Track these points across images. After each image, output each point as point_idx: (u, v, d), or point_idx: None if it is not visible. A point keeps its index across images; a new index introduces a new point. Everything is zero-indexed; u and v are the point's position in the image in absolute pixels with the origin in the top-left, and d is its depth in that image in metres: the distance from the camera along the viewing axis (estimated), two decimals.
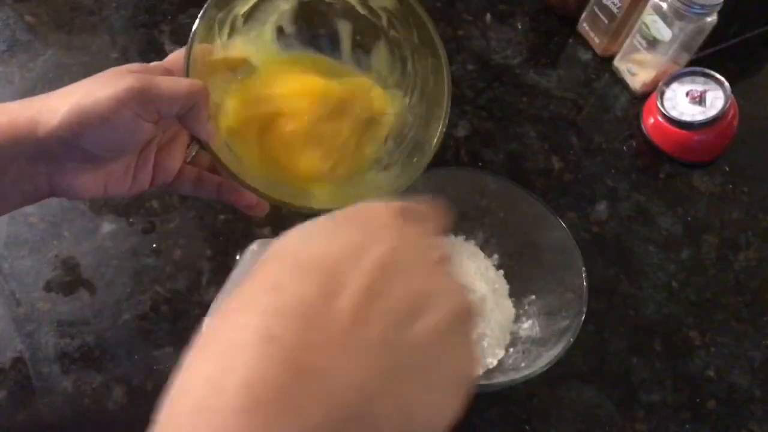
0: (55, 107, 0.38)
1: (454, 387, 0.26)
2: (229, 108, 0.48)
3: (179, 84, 0.40)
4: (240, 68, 0.49)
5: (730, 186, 0.72)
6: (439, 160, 0.68)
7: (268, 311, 0.23)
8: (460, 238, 0.61)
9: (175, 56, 0.45)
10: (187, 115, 0.41)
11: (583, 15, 0.79)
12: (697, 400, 0.59)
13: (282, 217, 0.53)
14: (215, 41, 0.47)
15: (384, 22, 0.51)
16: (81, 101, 0.38)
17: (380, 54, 0.53)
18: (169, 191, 0.56)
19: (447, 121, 0.50)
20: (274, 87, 0.49)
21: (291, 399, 0.21)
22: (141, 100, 0.38)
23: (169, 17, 0.74)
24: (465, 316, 0.28)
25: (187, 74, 0.42)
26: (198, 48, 0.43)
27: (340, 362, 0.22)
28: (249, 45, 0.50)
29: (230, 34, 0.48)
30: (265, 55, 0.50)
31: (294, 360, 0.22)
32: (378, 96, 0.52)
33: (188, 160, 0.47)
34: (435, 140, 0.50)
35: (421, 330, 0.25)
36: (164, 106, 0.39)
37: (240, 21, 0.48)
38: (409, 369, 0.24)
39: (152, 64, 0.44)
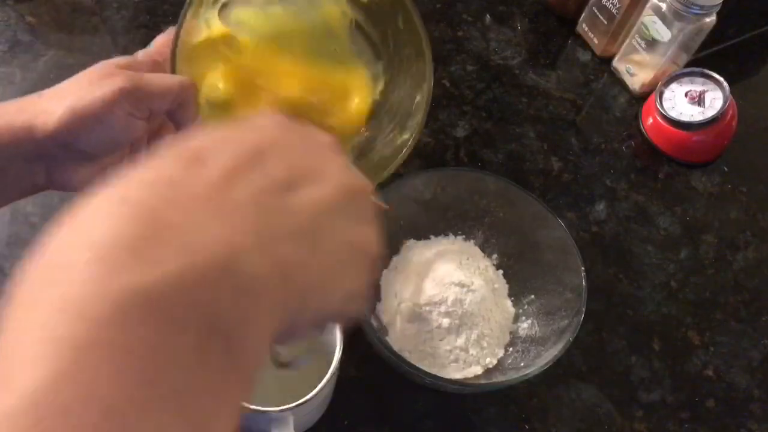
0: (50, 110, 0.39)
1: (345, 257, 0.25)
2: (217, 88, 0.48)
3: (169, 81, 0.41)
4: (226, 44, 0.49)
5: (729, 186, 0.73)
6: (439, 160, 0.69)
7: (127, 180, 0.22)
8: (460, 238, 0.61)
9: (161, 40, 0.45)
10: (176, 111, 0.42)
11: (582, 16, 0.79)
12: (696, 399, 0.59)
13: None
14: (199, 21, 0.47)
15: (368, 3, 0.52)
16: (74, 104, 0.39)
17: (363, 34, 0.53)
18: None
19: (430, 98, 0.51)
20: (261, 77, 0.49)
21: (146, 251, 0.19)
22: (132, 99, 0.39)
23: (170, 18, 0.74)
24: (356, 195, 0.26)
25: (173, 66, 0.42)
26: (184, 32, 0.44)
27: (204, 218, 0.21)
28: (240, 12, 0.50)
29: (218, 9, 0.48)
30: (252, 25, 0.50)
31: (151, 217, 0.20)
32: (359, 95, 0.52)
33: None
34: (420, 117, 0.51)
35: (300, 200, 0.24)
36: (155, 104, 0.40)
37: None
38: (287, 233, 0.23)
39: (140, 53, 0.44)
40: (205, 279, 0.20)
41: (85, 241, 0.20)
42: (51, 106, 0.39)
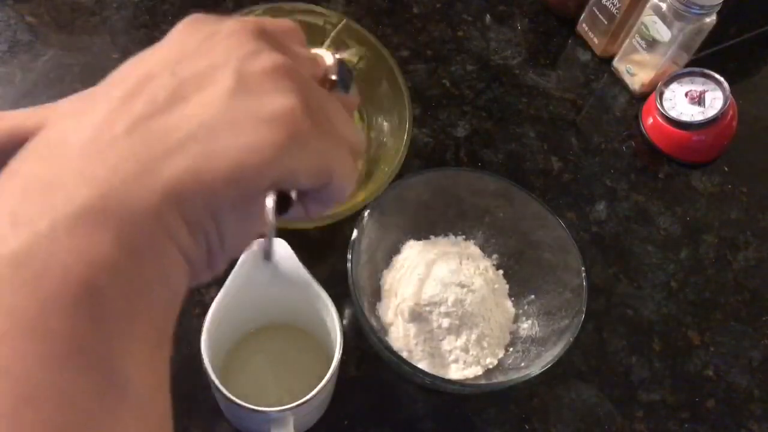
0: (60, 112, 0.40)
1: (250, 130, 0.23)
2: None
3: None
4: None
5: (729, 186, 0.73)
6: (439, 160, 0.69)
7: (17, 156, 0.22)
8: (460, 238, 0.61)
9: None
10: None
11: (582, 15, 0.79)
12: (696, 399, 0.59)
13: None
14: None
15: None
16: None
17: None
18: None
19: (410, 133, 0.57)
20: None
21: (19, 215, 0.20)
22: None
23: (170, 18, 0.74)
24: (260, 75, 0.24)
25: None
26: None
27: (78, 165, 0.21)
28: None
29: None
30: None
31: (28, 180, 0.21)
32: None
33: None
34: (402, 147, 0.57)
35: (187, 111, 0.22)
36: None
37: None
38: (172, 148, 0.22)
39: None
40: (79, 226, 0.20)
41: None
42: (62, 109, 0.40)
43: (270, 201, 0.24)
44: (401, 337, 0.55)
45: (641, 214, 0.69)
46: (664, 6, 0.69)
